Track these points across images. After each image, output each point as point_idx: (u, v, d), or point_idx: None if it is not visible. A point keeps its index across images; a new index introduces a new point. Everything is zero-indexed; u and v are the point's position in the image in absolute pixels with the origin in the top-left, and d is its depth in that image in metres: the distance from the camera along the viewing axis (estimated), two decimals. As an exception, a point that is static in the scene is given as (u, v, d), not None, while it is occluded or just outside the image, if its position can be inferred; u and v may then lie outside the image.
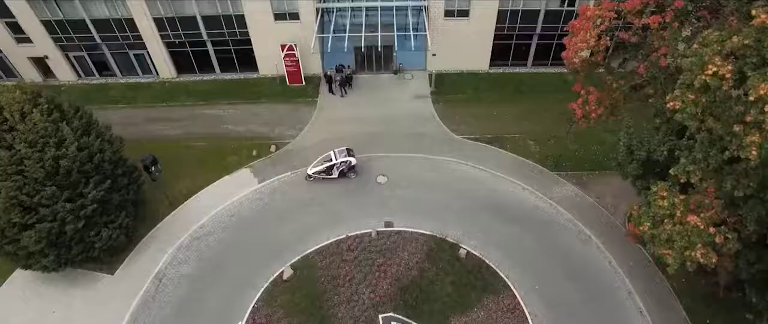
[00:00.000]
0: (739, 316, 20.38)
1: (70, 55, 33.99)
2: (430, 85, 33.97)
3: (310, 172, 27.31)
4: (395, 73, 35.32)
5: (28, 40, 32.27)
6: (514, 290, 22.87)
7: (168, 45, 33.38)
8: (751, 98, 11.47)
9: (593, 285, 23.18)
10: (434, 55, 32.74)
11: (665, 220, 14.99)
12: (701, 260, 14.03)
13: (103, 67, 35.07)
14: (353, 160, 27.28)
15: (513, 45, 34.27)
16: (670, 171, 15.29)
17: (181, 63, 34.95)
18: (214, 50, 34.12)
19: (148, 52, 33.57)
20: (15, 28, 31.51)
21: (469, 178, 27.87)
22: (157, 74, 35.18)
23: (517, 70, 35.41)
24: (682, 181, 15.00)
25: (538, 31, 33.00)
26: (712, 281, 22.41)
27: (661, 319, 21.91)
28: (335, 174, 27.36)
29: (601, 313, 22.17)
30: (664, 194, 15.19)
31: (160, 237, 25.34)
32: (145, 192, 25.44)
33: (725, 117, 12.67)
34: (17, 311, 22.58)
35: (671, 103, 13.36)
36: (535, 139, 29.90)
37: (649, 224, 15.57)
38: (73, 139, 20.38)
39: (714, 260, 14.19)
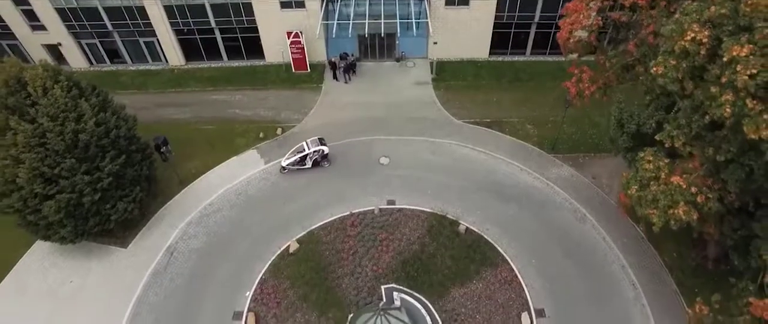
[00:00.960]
0: (726, 285, 21.20)
1: (83, 42, 35.07)
2: (432, 72, 34.91)
3: (284, 163, 27.66)
4: (397, 60, 36.26)
5: (43, 28, 33.35)
6: (512, 264, 23.82)
7: (177, 32, 34.38)
8: (725, 59, 12.46)
9: (588, 259, 24.12)
10: (436, 43, 33.63)
11: (651, 183, 15.96)
12: (683, 217, 14.98)
13: (114, 55, 36.13)
14: (326, 149, 27.65)
15: (512, 33, 35.15)
16: (656, 137, 16.27)
17: (189, 50, 35.95)
18: (222, 38, 35.12)
19: (157, 39, 34.57)
20: (30, 15, 32.58)
21: (468, 160, 28.81)
22: (167, 61, 36.21)
23: (516, 58, 36.27)
24: (666, 145, 15.97)
25: (536, 19, 33.89)
26: (701, 255, 23.34)
27: (653, 291, 22.86)
28: (309, 164, 27.79)
29: (596, 286, 23.11)
30: (650, 158, 16.22)
31: (171, 213, 26.40)
32: (156, 170, 26.42)
33: (704, 82, 13.62)
34: (37, 280, 23.69)
35: (655, 69, 14.34)
36: (533, 124, 30.83)
37: (636, 187, 16.56)
38: (92, 114, 21.43)
39: (695, 217, 15.14)
